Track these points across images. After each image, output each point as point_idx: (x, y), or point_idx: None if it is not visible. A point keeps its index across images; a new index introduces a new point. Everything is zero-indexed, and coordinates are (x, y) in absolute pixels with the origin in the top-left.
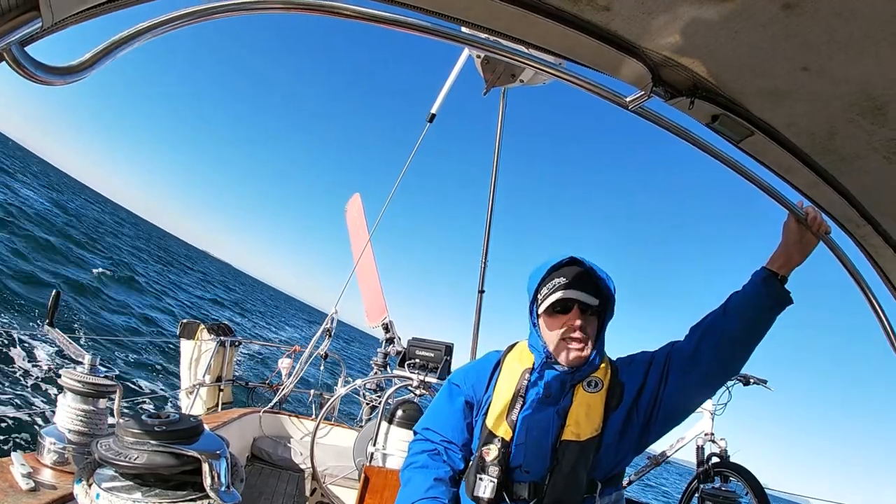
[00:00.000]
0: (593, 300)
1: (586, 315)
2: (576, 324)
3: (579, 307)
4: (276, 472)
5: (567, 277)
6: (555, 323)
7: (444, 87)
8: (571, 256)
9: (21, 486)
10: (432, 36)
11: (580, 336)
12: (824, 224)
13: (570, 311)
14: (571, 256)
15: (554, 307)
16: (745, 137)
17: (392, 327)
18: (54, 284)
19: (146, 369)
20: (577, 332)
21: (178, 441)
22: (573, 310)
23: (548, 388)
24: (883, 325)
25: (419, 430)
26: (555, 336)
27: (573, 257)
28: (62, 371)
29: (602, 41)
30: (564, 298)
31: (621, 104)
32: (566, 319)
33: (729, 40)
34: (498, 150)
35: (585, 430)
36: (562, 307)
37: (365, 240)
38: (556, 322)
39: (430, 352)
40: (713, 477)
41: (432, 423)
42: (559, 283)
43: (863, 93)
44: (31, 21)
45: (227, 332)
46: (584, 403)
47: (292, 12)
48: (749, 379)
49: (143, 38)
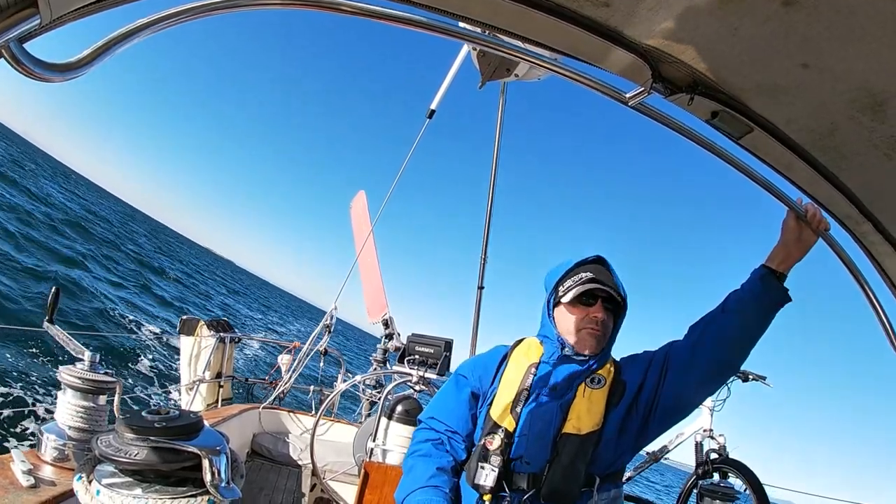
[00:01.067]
0: (618, 297)
1: (607, 311)
2: (599, 315)
3: (603, 301)
4: (276, 468)
5: (594, 273)
6: (577, 313)
7: (444, 83)
8: (597, 255)
9: (21, 482)
10: (430, 31)
11: (600, 328)
12: (824, 221)
13: (595, 304)
14: (597, 255)
15: (580, 298)
16: (745, 134)
17: (392, 323)
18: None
19: (146, 367)
20: (598, 324)
21: (178, 437)
22: (598, 303)
23: (554, 382)
24: (882, 323)
25: (424, 419)
26: (575, 325)
27: (599, 256)
28: (62, 368)
29: (602, 37)
30: (594, 289)
31: (621, 100)
32: (590, 310)
33: (729, 36)
34: (498, 145)
35: (586, 425)
36: (589, 298)
37: (368, 236)
38: (578, 312)
39: (430, 348)
40: (712, 473)
41: (437, 412)
42: (586, 276)
43: (863, 89)
44: (29, 18)
45: (227, 328)
46: (587, 398)
47: (291, 8)
48: (748, 375)
49: (143, 35)
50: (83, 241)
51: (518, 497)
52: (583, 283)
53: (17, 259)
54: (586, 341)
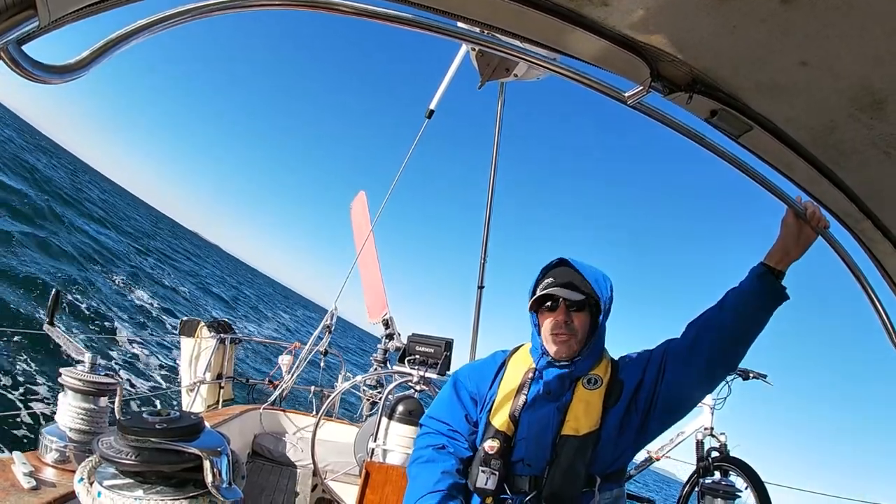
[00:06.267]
0: (577, 296)
1: (573, 312)
2: (559, 318)
3: (565, 304)
4: (277, 469)
5: (555, 277)
6: (544, 319)
7: (443, 83)
8: (560, 258)
9: (22, 484)
10: (429, 31)
11: (565, 331)
12: (823, 219)
13: (557, 308)
14: (560, 258)
15: (541, 304)
16: (744, 132)
17: (392, 323)
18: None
19: (146, 367)
20: (562, 328)
21: (179, 438)
22: (560, 307)
23: (548, 386)
24: (882, 320)
25: (425, 422)
26: (546, 332)
27: (562, 258)
28: (63, 370)
29: (601, 36)
30: (549, 295)
31: (620, 99)
32: (553, 315)
33: (727, 35)
34: (497, 145)
35: (584, 426)
36: (549, 304)
37: (368, 237)
38: (544, 318)
39: (430, 348)
40: (713, 471)
41: (438, 413)
42: (548, 282)
43: (862, 87)
44: (27, 20)
45: (227, 329)
46: (584, 400)
47: (289, 9)
48: (749, 373)
49: (141, 36)
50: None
51: (520, 499)
52: (542, 289)
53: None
54: (556, 347)
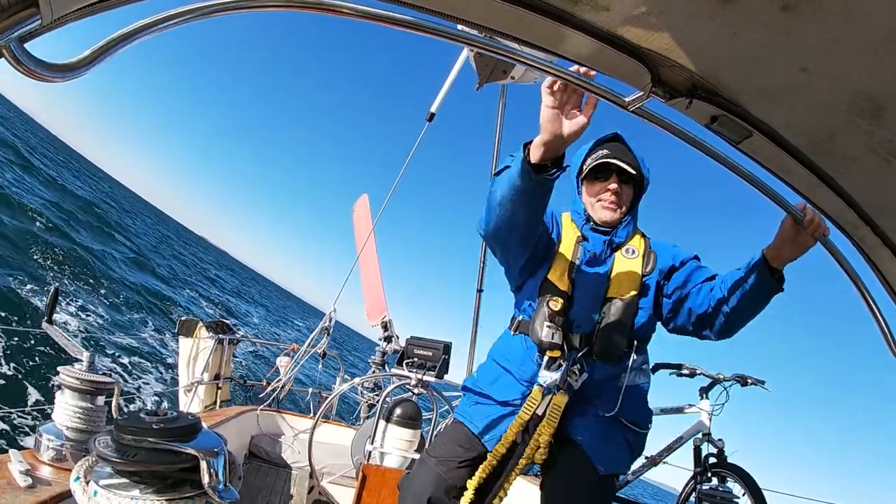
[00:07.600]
0: (630, 169)
1: (622, 183)
2: (611, 186)
3: (617, 174)
4: (274, 470)
5: (609, 150)
6: (593, 187)
7: (444, 86)
8: (615, 132)
9: (19, 482)
10: (429, 34)
11: (614, 199)
12: (822, 226)
13: (609, 178)
14: (615, 132)
15: (595, 172)
16: (744, 138)
17: (391, 326)
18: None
19: (145, 366)
20: (611, 195)
21: (176, 439)
22: (612, 176)
23: (593, 250)
24: (880, 326)
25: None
26: (592, 198)
27: (616, 133)
28: (60, 368)
29: (602, 41)
30: (606, 163)
31: (621, 105)
32: (605, 184)
33: (728, 40)
34: (497, 147)
35: (626, 290)
36: (602, 172)
37: (369, 239)
38: (594, 186)
39: (429, 351)
40: (710, 477)
41: None
42: (604, 153)
43: (862, 94)
44: (30, 18)
45: (226, 329)
46: (624, 267)
47: (290, 10)
48: (747, 380)
49: (144, 35)
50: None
51: (573, 355)
52: (597, 159)
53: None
54: (602, 212)
